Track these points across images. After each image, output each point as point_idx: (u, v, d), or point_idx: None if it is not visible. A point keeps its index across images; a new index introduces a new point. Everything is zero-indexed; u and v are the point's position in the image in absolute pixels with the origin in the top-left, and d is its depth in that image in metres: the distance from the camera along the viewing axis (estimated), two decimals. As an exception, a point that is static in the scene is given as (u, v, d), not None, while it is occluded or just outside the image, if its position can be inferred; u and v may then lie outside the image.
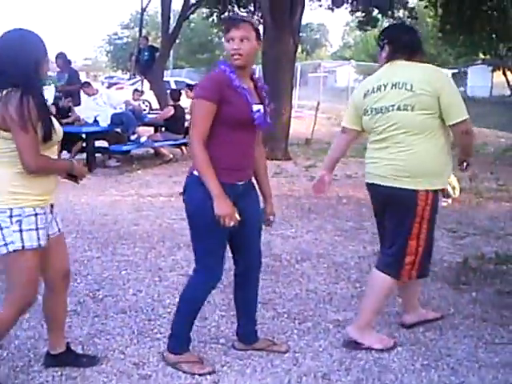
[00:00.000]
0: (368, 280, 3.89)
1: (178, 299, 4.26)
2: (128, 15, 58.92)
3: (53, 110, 10.15)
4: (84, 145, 10.24)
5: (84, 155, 10.17)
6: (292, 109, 12.72)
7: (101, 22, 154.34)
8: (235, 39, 3.05)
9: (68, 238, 5.79)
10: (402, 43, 3.58)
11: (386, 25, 15.58)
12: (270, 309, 4.23)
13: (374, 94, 3.58)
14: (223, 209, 3.00)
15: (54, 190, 3.02)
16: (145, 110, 14.21)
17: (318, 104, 16.16)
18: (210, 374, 3.31)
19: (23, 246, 2.86)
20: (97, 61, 72.23)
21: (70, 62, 11.87)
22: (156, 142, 11.13)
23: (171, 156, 11.30)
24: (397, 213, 3.55)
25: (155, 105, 17.51)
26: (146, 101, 19.98)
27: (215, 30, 23.94)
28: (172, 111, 11.14)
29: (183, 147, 11.50)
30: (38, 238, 2.90)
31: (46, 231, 2.97)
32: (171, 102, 11.37)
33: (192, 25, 42.87)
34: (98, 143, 10.51)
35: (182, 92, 11.96)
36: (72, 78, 11.49)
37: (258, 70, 27.28)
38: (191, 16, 19.68)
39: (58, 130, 2.98)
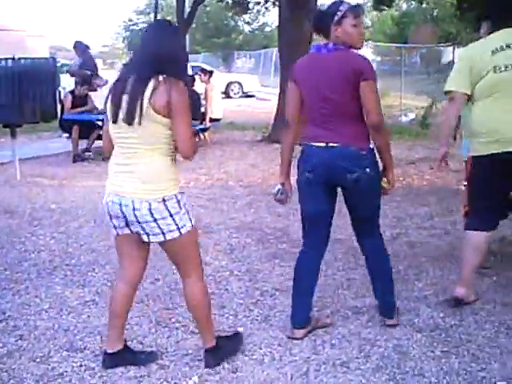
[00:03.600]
0: None
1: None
2: (143, 1, 58.81)
3: (69, 97, 10.19)
4: (101, 133, 10.22)
5: (101, 143, 10.16)
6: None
7: (118, 8, 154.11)
8: (360, 25, 3.44)
9: (85, 227, 5.87)
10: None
11: (401, 4, 15.36)
12: (288, 296, 4.18)
13: (502, 52, 3.75)
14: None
15: None
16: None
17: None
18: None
19: (192, 225, 3.05)
20: (113, 48, 72.21)
21: (87, 47, 11.80)
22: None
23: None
24: None
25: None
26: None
27: (230, 14, 23.79)
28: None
29: (200, 133, 11.47)
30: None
31: None
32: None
33: (207, 8, 42.63)
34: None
35: (196, 77, 11.89)
36: (85, 62, 11.41)
37: (274, 52, 27.19)
38: (206, 0, 19.55)
39: None
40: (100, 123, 10.12)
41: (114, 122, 2.93)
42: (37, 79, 14.67)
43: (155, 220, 2.91)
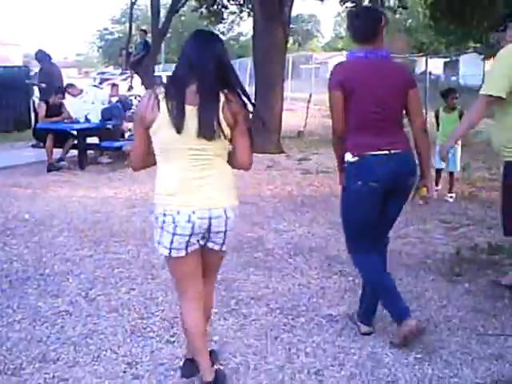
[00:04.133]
0: None
1: (170, 297, 4.27)
2: (119, 10, 58.66)
3: (43, 106, 10.11)
4: (75, 142, 10.17)
5: (76, 152, 10.12)
6: (284, 101, 12.67)
7: (92, 17, 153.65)
8: None
9: (59, 237, 5.82)
10: None
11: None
12: (263, 305, 4.21)
13: None
14: None
15: None
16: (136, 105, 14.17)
17: (310, 96, 16.11)
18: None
19: None
20: (88, 57, 71.87)
21: (49, 57, 11.71)
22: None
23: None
24: None
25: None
26: (138, 95, 19.87)
27: (205, 23, 23.82)
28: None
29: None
30: None
31: None
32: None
33: (182, 18, 42.64)
34: (89, 140, 10.45)
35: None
36: (45, 72, 11.29)
37: (249, 62, 27.24)
38: (181, 9, 19.56)
39: None
40: (74, 132, 10.09)
41: (179, 132, 2.79)
42: (10, 88, 14.56)
43: (233, 227, 2.99)
